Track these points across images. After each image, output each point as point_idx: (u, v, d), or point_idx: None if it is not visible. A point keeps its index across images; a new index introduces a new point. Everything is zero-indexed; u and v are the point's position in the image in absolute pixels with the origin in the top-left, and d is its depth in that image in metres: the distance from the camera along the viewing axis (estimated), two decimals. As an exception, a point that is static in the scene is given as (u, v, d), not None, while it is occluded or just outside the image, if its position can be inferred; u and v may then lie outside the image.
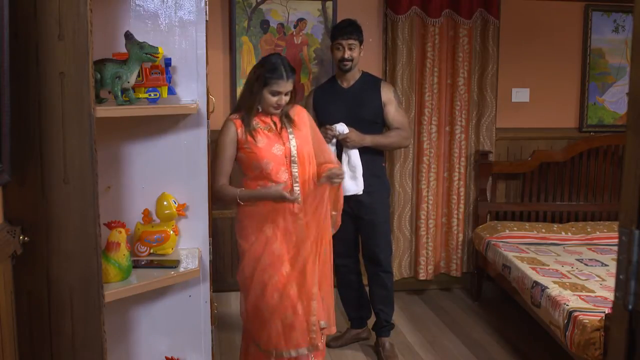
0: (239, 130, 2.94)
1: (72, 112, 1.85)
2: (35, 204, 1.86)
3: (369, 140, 3.62)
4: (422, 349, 3.98)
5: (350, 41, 3.64)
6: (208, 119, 2.50)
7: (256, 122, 2.95)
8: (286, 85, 2.91)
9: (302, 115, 3.10)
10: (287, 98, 2.96)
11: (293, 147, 2.95)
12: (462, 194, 4.79)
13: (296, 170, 2.95)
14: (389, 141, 3.76)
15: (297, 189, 2.94)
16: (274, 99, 2.91)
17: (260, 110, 2.97)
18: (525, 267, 3.83)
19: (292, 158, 2.93)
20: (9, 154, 1.76)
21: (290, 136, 2.97)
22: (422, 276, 4.77)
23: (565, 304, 3.19)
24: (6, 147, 1.75)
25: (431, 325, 4.35)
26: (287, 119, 3.02)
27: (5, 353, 1.76)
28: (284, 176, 2.91)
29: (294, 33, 4.44)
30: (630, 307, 0.98)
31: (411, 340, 4.09)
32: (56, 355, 1.94)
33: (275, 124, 2.99)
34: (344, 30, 3.66)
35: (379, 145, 3.71)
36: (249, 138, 2.91)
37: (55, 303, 1.91)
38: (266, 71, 2.90)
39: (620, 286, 0.99)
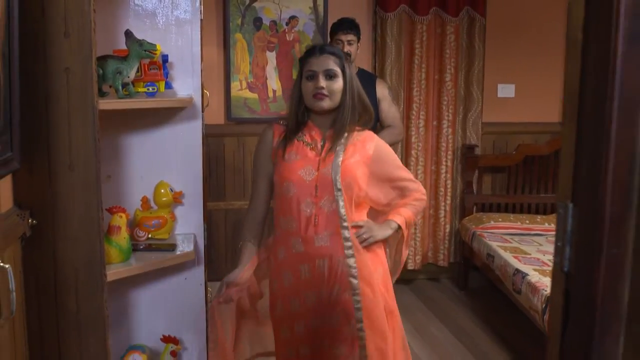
0: (275, 139, 2.35)
1: (77, 104, 1.97)
2: (42, 189, 1.98)
3: None
4: (409, 335, 4.11)
5: (350, 37, 3.78)
6: (203, 112, 2.63)
7: (302, 134, 2.32)
8: (320, 62, 2.27)
9: (368, 144, 2.35)
10: (333, 84, 2.26)
11: (334, 173, 2.24)
12: (449, 186, 4.93)
13: (338, 203, 2.25)
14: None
15: (325, 237, 2.25)
16: (311, 85, 2.27)
17: (307, 118, 2.34)
18: (508, 256, 3.98)
19: (336, 186, 2.24)
20: (18, 143, 1.87)
21: (336, 161, 2.26)
22: (410, 266, 4.91)
23: (543, 289, 3.34)
24: (16, 137, 1.87)
25: (419, 314, 4.49)
26: (343, 140, 2.30)
27: (16, 328, 1.88)
28: (308, 210, 2.24)
29: (286, 30, 4.58)
30: (565, 269, 1.13)
31: (399, 327, 4.24)
32: (62, 331, 2.06)
33: (324, 143, 2.31)
34: (343, 26, 3.80)
35: None
36: (280, 150, 2.31)
37: (61, 281, 2.03)
38: (301, 57, 2.39)
39: (558, 252, 1.14)
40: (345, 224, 2.26)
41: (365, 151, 2.32)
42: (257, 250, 2.40)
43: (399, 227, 2.38)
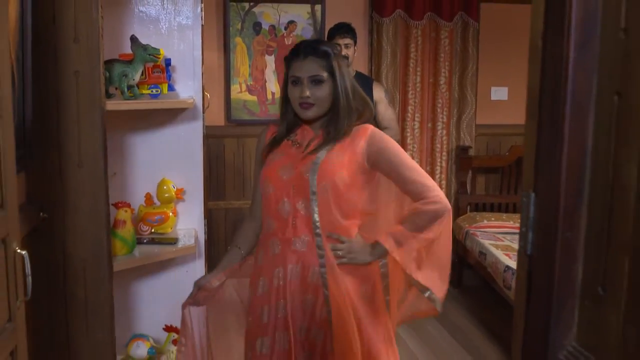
0: (267, 138, 2.18)
1: (86, 105, 2.09)
2: (53, 185, 2.10)
3: None
4: (405, 333, 4.20)
5: (347, 40, 3.91)
6: (203, 112, 2.76)
7: (295, 133, 2.13)
8: (305, 67, 2.00)
9: (358, 140, 2.05)
10: (320, 90, 2.01)
11: (311, 174, 2.00)
12: (443, 186, 5.03)
13: (312, 207, 2.01)
14: None
15: (303, 241, 2.03)
16: (296, 92, 2.02)
17: (300, 119, 2.11)
18: (499, 254, 4.09)
19: (311, 189, 1.99)
20: (30, 142, 2.01)
21: (316, 160, 2.01)
22: (405, 264, 5.00)
23: (531, 284, 3.45)
24: (29, 136, 2.00)
25: (413, 310, 4.60)
26: (334, 137, 2.05)
27: (27, 316, 2.01)
28: (285, 211, 2.03)
29: (285, 34, 4.70)
30: (528, 252, 1.26)
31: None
32: (70, 319, 2.18)
33: (311, 142, 2.08)
34: (340, 30, 3.93)
35: None
36: (268, 149, 2.14)
37: (70, 272, 2.15)
38: (286, 56, 2.11)
39: (522, 237, 1.27)
40: (318, 231, 2.01)
41: (354, 149, 2.03)
42: (245, 256, 2.20)
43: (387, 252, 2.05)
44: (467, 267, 4.99)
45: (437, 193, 2.04)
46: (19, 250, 1.55)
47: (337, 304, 2.00)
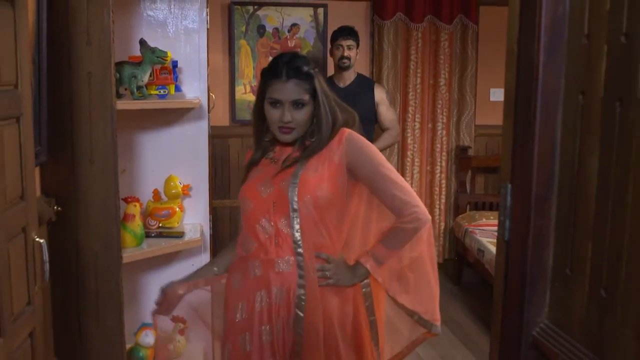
0: (246, 161, 2.07)
1: (97, 105, 2.21)
2: (66, 179, 2.22)
3: None
4: (404, 326, 4.35)
5: (349, 42, 4.03)
6: (209, 112, 2.88)
7: (272, 150, 2.00)
8: (287, 91, 1.86)
9: (335, 148, 1.92)
10: (301, 114, 1.89)
11: (291, 190, 1.87)
12: (443, 186, 5.14)
13: (293, 225, 1.88)
14: (383, 145, 4.14)
15: (287, 262, 1.89)
16: (275, 114, 1.88)
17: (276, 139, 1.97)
18: (497, 251, 4.19)
19: (292, 206, 1.87)
20: (46, 139, 2.13)
21: (295, 174, 1.88)
22: (406, 261, 5.11)
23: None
24: (44, 133, 2.11)
25: (413, 306, 4.70)
26: (313, 150, 1.92)
27: (43, 302, 2.13)
28: (265, 230, 1.90)
29: (288, 37, 4.81)
30: (506, 239, 1.38)
31: (394, 318, 4.45)
32: (82, 308, 2.30)
33: (289, 156, 1.95)
34: (344, 32, 4.05)
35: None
36: (247, 170, 2.02)
37: (82, 262, 2.27)
38: (264, 72, 1.95)
39: (500, 225, 1.39)
40: (300, 250, 1.88)
41: (332, 158, 1.91)
42: (218, 274, 2.06)
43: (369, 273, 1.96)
44: (467, 265, 5.08)
45: (415, 209, 1.92)
46: (37, 239, 1.67)
47: (309, 328, 1.88)
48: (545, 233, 1.28)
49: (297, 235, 1.88)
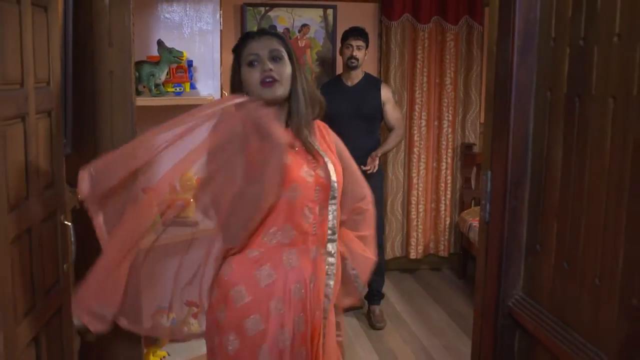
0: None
1: (119, 101, 2.36)
2: (90, 171, 2.38)
3: (379, 153, 4.14)
4: (409, 316, 4.46)
5: (359, 42, 4.17)
6: (222, 109, 3.03)
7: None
8: (262, 44, 1.81)
9: (331, 136, 2.00)
10: (282, 67, 1.81)
11: (332, 178, 1.86)
12: (449, 182, 5.27)
13: (331, 212, 1.87)
14: (391, 145, 4.30)
15: (319, 250, 1.88)
16: (255, 71, 1.81)
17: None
18: (499, 244, 4.31)
19: (332, 193, 1.86)
20: (71, 133, 2.27)
21: (325, 159, 1.87)
22: (412, 255, 5.25)
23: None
24: (69, 128, 2.26)
25: (419, 298, 4.82)
26: (306, 126, 1.88)
27: (69, 287, 2.28)
28: (307, 218, 1.86)
29: (298, 37, 4.97)
30: (486, 220, 1.53)
31: (399, 310, 4.58)
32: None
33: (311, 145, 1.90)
34: (354, 33, 4.19)
35: (386, 152, 4.32)
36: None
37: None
38: (236, 46, 1.89)
39: (482, 208, 1.55)
40: (334, 236, 1.89)
41: (331, 146, 1.97)
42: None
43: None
44: (471, 258, 5.19)
45: (368, 197, 2.05)
46: (66, 222, 1.84)
47: (330, 316, 1.91)
48: (520, 213, 1.43)
49: (334, 222, 1.87)
